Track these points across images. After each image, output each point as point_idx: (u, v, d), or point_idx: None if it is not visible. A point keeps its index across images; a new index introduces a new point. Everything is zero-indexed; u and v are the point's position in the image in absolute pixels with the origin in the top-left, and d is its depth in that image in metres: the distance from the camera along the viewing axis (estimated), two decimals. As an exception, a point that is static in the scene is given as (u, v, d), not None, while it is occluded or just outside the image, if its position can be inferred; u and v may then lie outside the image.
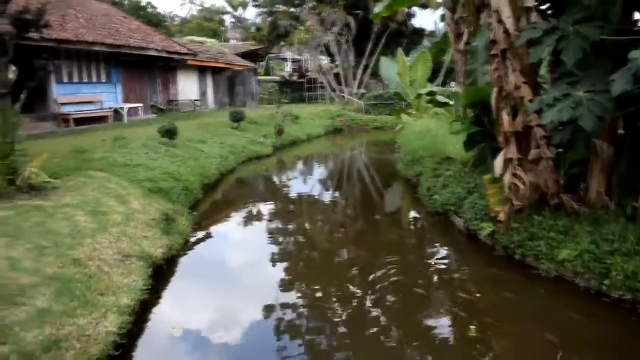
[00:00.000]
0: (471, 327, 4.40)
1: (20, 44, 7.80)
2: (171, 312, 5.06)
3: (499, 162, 6.11)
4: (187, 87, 23.54)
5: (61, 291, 4.11)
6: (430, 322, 4.64)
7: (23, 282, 4.17)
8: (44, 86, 15.01)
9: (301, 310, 5.00)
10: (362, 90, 30.49)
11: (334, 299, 5.15)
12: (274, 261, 6.53)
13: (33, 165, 7.08)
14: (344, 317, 4.74)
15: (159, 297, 5.19)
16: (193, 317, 4.94)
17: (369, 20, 26.02)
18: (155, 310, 4.92)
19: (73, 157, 9.27)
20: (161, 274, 5.66)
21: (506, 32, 5.89)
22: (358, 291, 5.29)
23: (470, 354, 3.99)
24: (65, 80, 16.21)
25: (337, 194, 11.21)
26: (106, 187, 7.50)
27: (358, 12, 28.65)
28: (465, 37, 8.64)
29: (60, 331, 3.62)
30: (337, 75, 31.76)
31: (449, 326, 4.59)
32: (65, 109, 15.81)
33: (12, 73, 6.70)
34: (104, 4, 21.58)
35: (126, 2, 38.77)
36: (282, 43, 34.48)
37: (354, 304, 4.98)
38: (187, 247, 6.76)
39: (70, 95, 16.22)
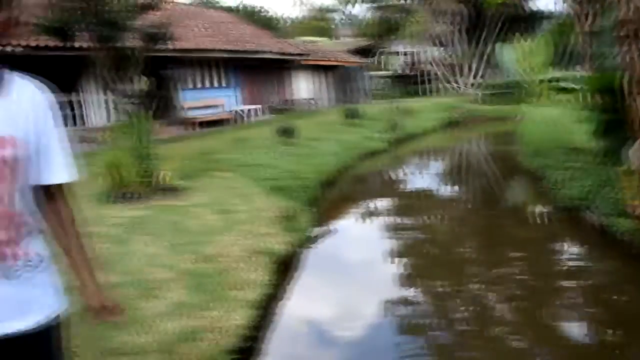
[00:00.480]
0: (612, 331, 4.07)
1: (150, 56, 8.45)
2: (295, 306, 5.20)
3: (634, 153, 5.59)
4: (302, 86, 24.11)
5: (194, 285, 4.38)
6: (564, 325, 4.35)
7: (161, 276, 4.51)
8: (171, 93, 16.15)
9: (421, 306, 4.91)
10: (478, 80, 29.38)
11: (455, 296, 5.01)
12: (392, 256, 6.48)
13: (166, 167, 7.63)
14: (465, 315, 4.59)
15: (283, 292, 5.35)
16: (315, 311, 5.04)
17: (482, 6, 25.01)
18: (279, 304, 5.09)
19: (199, 159, 9.86)
20: (284, 269, 5.84)
21: (638, 10, 5.37)
22: (481, 288, 5.10)
23: None
24: (190, 86, 17.30)
25: (455, 188, 10.91)
26: (231, 187, 7.90)
27: (471, -2, 27.66)
28: (590, 18, 8.03)
29: (195, 323, 3.85)
30: (450, 66, 30.90)
31: (587, 330, 4.27)
32: (191, 113, 16.87)
33: (144, 83, 7.26)
34: (221, 12, 22.70)
35: (240, 8, 40.50)
36: (393, 36, 34.19)
37: (476, 302, 4.80)
38: (307, 243, 6.91)
39: (194, 100, 17.28)
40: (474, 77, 29.70)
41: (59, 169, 1.49)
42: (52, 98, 1.47)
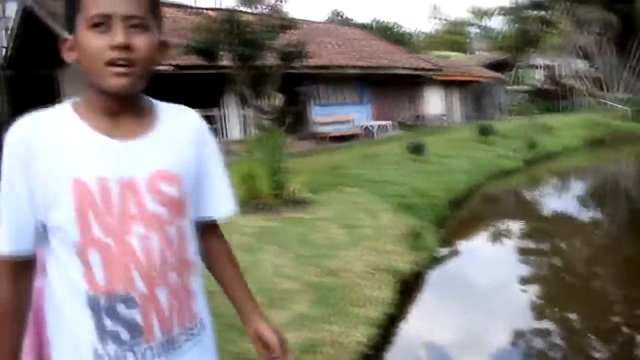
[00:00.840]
0: None
1: (285, 73, 8.84)
2: (416, 328, 5.08)
3: None
4: (433, 102, 23.76)
5: (317, 298, 4.45)
6: None
7: (286, 287, 4.65)
8: (304, 108, 16.73)
9: (555, 340, 4.56)
10: (627, 95, 26.93)
11: (594, 332, 4.58)
12: (524, 283, 6.11)
13: (296, 180, 7.90)
14: (606, 355, 4.18)
15: (406, 312, 5.26)
16: (438, 335, 4.88)
17: (633, 14, 22.96)
18: (401, 324, 5.00)
19: (328, 173, 10.07)
20: (408, 288, 5.74)
21: None
22: (625, 326, 4.62)
23: None
24: (322, 102, 17.80)
25: (598, 213, 10.05)
26: (357, 202, 7.96)
27: (620, 6, 25.46)
28: None
29: (315, 336, 3.91)
30: (595, 80, 28.67)
31: None
32: (322, 128, 17.33)
33: (279, 100, 7.61)
34: (354, 29, 23.14)
35: (374, 24, 40.98)
36: (531, 49, 32.57)
37: (619, 341, 4.36)
38: (433, 263, 6.75)
39: (325, 115, 17.75)
40: (623, 92, 27.27)
41: (221, 201, 1.36)
42: (205, 124, 1.35)
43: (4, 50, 18.43)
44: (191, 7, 16.61)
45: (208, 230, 1.37)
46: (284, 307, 4.25)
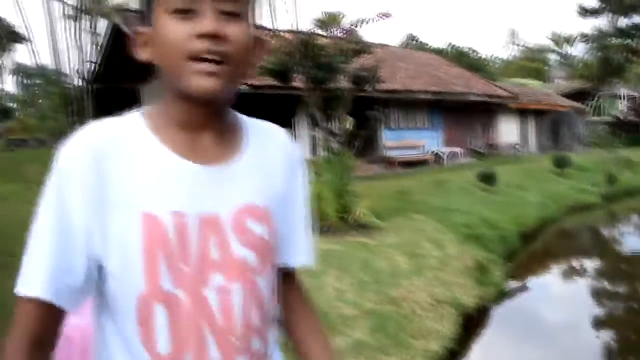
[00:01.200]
0: None
1: (357, 97, 8.90)
2: (479, 366, 4.91)
3: None
4: (507, 130, 23.14)
5: (376, 327, 4.39)
6: None
7: (346, 312, 4.61)
8: (374, 132, 16.73)
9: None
10: None
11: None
12: (597, 325, 5.77)
13: (362, 205, 7.87)
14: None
15: (468, 349, 5.09)
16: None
17: None
18: (463, 361, 4.84)
19: (395, 199, 9.96)
20: (471, 324, 5.56)
21: None
22: None
23: None
24: (392, 126, 17.77)
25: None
26: (423, 230, 7.82)
27: None
28: None
29: (374, 366, 3.85)
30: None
31: None
32: (392, 153, 17.26)
33: (349, 123, 7.66)
34: (429, 54, 23.02)
35: (449, 50, 40.62)
36: (615, 79, 31.16)
37: None
38: (499, 298, 6.51)
39: (396, 140, 17.69)
40: None
41: (302, 247, 1.11)
42: (299, 150, 1.11)
43: (93, 65, 19.64)
44: (269, 30, 17.13)
45: (288, 278, 1.12)
46: (343, 333, 4.21)
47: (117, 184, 0.86)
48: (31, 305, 0.85)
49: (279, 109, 14.90)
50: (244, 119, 1.03)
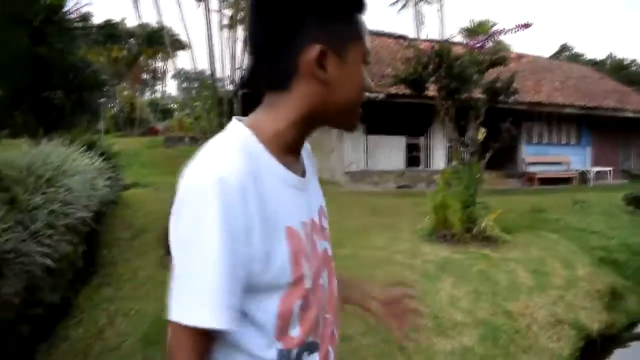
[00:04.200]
0: None
1: (493, 108, 8.74)
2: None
3: None
4: (669, 152, 20.96)
5: (486, 336, 4.40)
6: None
7: (457, 318, 4.67)
8: (513, 146, 16.13)
9: None
10: None
11: None
12: None
13: (490, 217, 7.74)
14: None
15: (587, 373, 4.87)
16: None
17: None
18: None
19: (528, 215, 9.61)
20: (594, 349, 5.29)
21: None
22: None
23: None
24: (534, 140, 16.96)
25: None
26: (553, 249, 7.49)
27: None
28: None
29: (479, 373, 3.89)
30: None
31: None
32: (531, 169, 16.51)
33: (481, 134, 7.56)
34: (580, 66, 21.65)
35: (608, 61, 37.58)
36: None
37: None
38: (630, 327, 6.08)
39: (537, 155, 16.87)
40: None
41: None
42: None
43: (240, 71, 21.19)
44: (406, 39, 17.27)
45: None
46: (451, 337, 4.29)
47: (265, 206, 0.93)
48: (196, 333, 0.89)
49: (415, 117, 15.02)
50: None
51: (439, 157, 15.88)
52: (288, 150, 1.03)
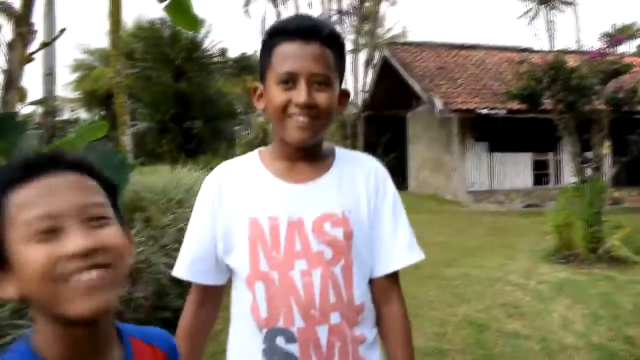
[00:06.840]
0: None
1: (618, 120, 8.17)
2: None
3: None
4: None
5: (598, 361, 4.17)
6: None
7: (568, 341, 4.47)
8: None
9: None
10: None
11: None
12: None
13: (618, 236, 7.22)
14: None
15: None
16: None
17: None
18: None
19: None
20: None
21: None
22: None
23: None
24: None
25: None
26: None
27: None
28: None
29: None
30: None
31: None
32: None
33: (604, 148, 7.12)
34: None
35: None
36: None
37: None
38: None
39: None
40: None
41: (389, 255, 1.29)
42: (386, 173, 1.34)
43: (365, 94, 21.73)
44: (521, 50, 16.68)
45: (381, 287, 1.30)
46: (559, 361, 4.13)
47: (235, 198, 1.25)
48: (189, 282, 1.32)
49: (541, 133, 14.33)
50: (338, 150, 1.34)
51: (569, 173, 14.95)
52: (283, 159, 1.26)
